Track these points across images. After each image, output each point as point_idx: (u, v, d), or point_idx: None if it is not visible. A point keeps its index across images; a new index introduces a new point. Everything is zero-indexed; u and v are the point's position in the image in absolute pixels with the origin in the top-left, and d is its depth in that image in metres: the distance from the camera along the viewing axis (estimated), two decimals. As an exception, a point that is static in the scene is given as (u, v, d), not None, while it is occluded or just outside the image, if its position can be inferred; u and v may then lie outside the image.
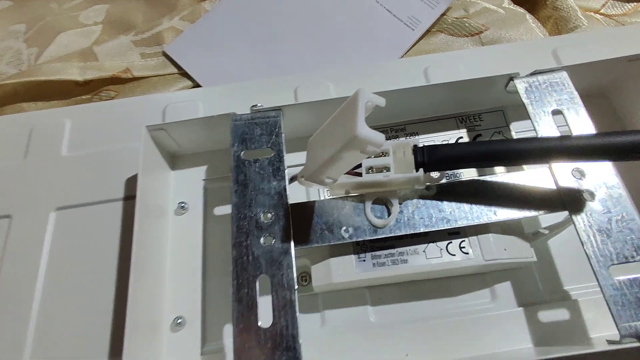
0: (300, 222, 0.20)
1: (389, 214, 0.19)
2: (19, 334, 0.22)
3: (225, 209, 0.25)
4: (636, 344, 0.16)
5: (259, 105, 0.23)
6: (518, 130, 0.25)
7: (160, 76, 0.36)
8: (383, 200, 0.20)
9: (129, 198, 0.25)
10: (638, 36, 0.29)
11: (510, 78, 0.23)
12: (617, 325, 0.17)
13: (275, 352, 0.17)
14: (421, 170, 0.19)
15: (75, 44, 0.39)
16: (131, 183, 0.25)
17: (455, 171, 0.23)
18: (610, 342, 0.17)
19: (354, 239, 0.19)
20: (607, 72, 0.24)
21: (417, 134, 0.26)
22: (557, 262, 0.22)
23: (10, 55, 0.39)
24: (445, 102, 0.25)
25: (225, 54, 0.36)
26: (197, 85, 0.36)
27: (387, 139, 0.25)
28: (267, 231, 0.19)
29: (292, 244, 0.19)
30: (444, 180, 0.20)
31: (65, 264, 0.23)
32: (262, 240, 0.19)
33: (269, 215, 0.20)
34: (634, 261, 0.18)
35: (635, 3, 0.38)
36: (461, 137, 0.25)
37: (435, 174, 0.19)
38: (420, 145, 0.19)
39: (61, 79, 0.35)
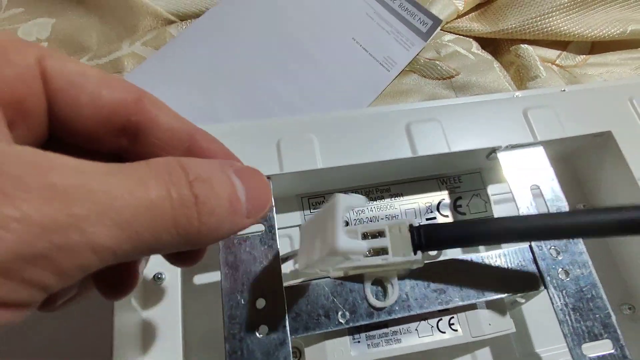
0: (296, 307, 0.19)
1: (386, 296, 0.19)
2: None
3: (206, 277, 0.23)
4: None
5: (245, 172, 0.22)
6: (494, 192, 0.26)
7: (120, 108, 0.33)
8: (381, 281, 0.20)
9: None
10: (590, 99, 0.31)
11: (493, 150, 0.24)
12: (591, 404, 0.18)
13: None
14: (419, 253, 0.19)
15: (15, 64, 0.34)
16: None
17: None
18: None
19: (351, 324, 0.19)
20: (573, 143, 0.26)
21: (401, 194, 0.26)
22: (531, 326, 0.24)
23: None
24: (428, 165, 0.25)
25: (193, 87, 0.34)
26: (162, 119, 0.33)
27: (372, 200, 0.25)
28: (262, 320, 0.18)
29: (289, 333, 0.18)
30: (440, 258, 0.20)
31: None
32: (257, 333, 0.18)
33: (263, 301, 0.19)
34: (602, 338, 0.20)
35: (584, 56, 0.41)
36: (443, 199, 0.26)
37: (432, 252, 0.20)
38: (416, 224, 0.19)
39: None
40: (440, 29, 0.40)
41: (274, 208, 0.21)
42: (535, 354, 0.23)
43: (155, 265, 0.23)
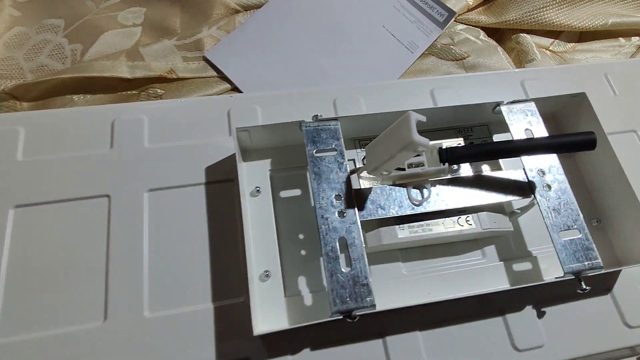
0: (362, 202, 0.28)
1: (423, 196, 0.28)
2: (137, 292, 0.27)
3: (288, 193, 0.32)
4: (572, 277, 0.27)
5: (319, 115, 0.30)
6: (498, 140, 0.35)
7: (201, 78, 0.42)
8: (419, 187, 0.28)
9: (211, 183, 0.31)
10: (575, 75, 0.40)
11: (497, 104, 0.32)
12: (562, 267, 0.27)
13: (355, 286, 0.25)
14: (446, 164, 0.27)
15: (118, 44, 0.43)
16: (210, 171, 0.32)
17: (461, 165, 0.33)
18: (557, 277, 0.27)
19: (399, 214, 0.28)
20: (558, 102, 0.35)
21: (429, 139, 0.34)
22: (524, 232, 0.32)
23: (50, 48, 0.42)
24: (448, 117, 0.34)
25: (258, 61, 0.43)
26: (235, 88, 0.42)
27: (407, 143, 0.34)
28: (340, 208, 0.27)
29: (358, 217, 0.27)
30: (460, 171, 0.29)
31: (163, 233, 0.29)
32: (336, 214, 0.27)
33: (340, 197, 0.27)
34: (572, 228, 0.28)
35: (573, 43, 0.49)
36: (460, 144, 0.35)
37: (454, 166, 0.28)
38: (444, 147, 0.28)
39: (112, 76, 0.40)
40: (454, 20, 0.48)
41: (342, 139, 0.29)
42: (528, 251, 0.32)
43: (253, 182, 0.32)
